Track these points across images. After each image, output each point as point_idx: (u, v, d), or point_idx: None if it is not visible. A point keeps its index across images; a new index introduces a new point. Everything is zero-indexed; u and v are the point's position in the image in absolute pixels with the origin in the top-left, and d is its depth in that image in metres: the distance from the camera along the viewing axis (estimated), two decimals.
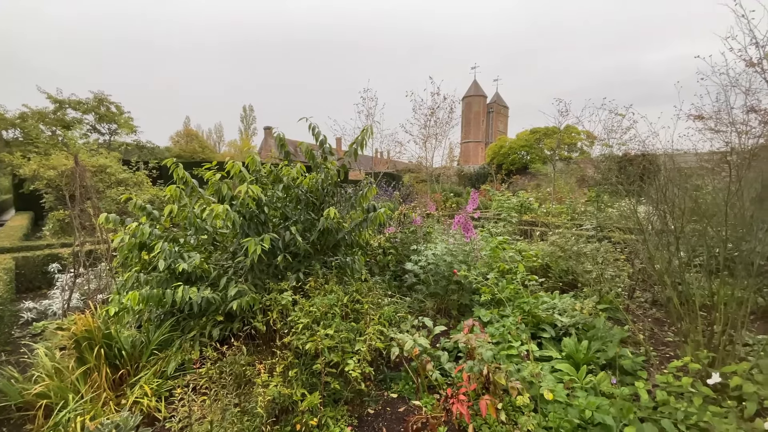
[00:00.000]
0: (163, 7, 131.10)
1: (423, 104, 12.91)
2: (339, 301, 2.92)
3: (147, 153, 22.92)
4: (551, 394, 2.26)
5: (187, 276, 3.16)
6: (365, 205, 3.80)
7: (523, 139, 28.27)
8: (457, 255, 4.73)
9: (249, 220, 3.17)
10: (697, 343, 2.86)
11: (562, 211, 8.98)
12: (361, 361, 2.41)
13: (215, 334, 2.98)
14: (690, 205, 2.89)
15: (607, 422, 2.18)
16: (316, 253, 3.65)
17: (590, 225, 5.85)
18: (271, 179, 3.74)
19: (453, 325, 4.13)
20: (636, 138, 7.10)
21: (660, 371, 2.95)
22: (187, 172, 3.50)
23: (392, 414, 2.71)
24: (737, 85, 5.78)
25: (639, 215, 3.35)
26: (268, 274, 3.30)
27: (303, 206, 3.63)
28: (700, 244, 2.95)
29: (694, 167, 4.63)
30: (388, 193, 9.68)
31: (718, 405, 2.29)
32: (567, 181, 13.86)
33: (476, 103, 68.07)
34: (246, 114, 57.40)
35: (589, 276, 3.94)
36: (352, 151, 3.59)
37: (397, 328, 3.30)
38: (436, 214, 7.63)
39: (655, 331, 3.82)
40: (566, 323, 3.40)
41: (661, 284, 3.12)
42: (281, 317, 2.81)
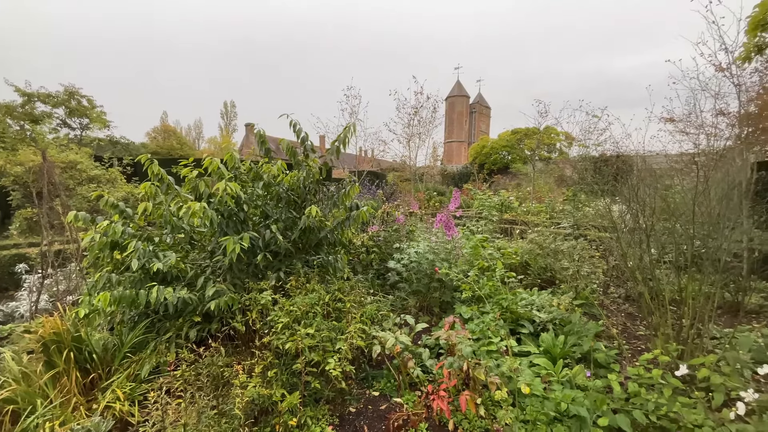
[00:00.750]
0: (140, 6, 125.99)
1: (407, 103, 12.95)
2: (320, 300, 2.89)
3: (121, 149, 22.09)
4: (528, 389, 2.31)
5: (162, 276, 3.06)
6: (348, 204, 3.78)
7: (504, 140, 28.78)
8: (439, 253, 4.77)
9: (228, 219, 3.10)
10: (667, 336, 2.98)
11: (541, 210, 9.20)
12: (342, 359, 2.40)
13: (192, 336, 2.91)
14: (660, 204, 3.01)
15: (581, 414, 2.24)
16: (297, 252, 3.61)
17: (567, 223, 6.02)
18: (251, 177, 3.67)
19: (435, 323, 4.17)
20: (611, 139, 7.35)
21: (632, 364, 3.06)
22: (165, 169, 3.40)
23: (374, 412, 2.71)
24: (707, 89, 6.05)
25: (613, 214, 3.47)
26: (248, 273, 3.24)
27: (284, 204, 3.58)
28: (669, 242, 3.08)
29: (665, 168, 4.83)
30: (372, 191, 9.67)
31: (687, 396, 2.40)
32: (546, 180, 14.21)
33: (459, 103, 68.81)
34: (227, 110, 56.14)
35: (566, 273, 4.06)
36: (335, 149, 3.56)
37: (379, 326, 3.30)
38: (419, 213, 7.67)
39: (628, 325, 3.97)
40: (544, 319, 3.48)
41: (633, 280, 3.24)
42: (261, 317, 2.76)
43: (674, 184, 3.42)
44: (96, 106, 21.07)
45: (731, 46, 5.56)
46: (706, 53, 5.73)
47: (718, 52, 5.64)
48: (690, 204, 2.80)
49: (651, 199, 2.99)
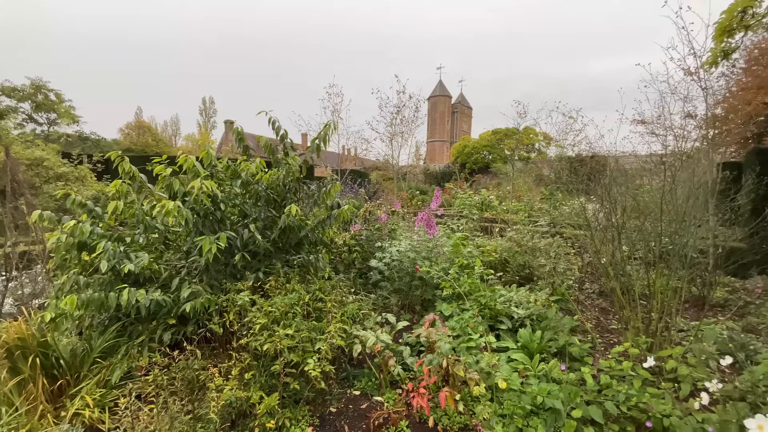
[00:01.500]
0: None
1: (389, 102, 12.97)
2: (300, 300, 2.86)
3: (91, 145, 21.20)
4: (505, 384, 2.36)
5: (134, 278, 2.96)
6: (329, 202, 3.75)
7: (485, 140, 29.23)
8: (420, 251, 4.81)
9: (204, 218, 3.02)
10: (637, 329, 3.10)
11: (520, 209, 9.41)
12: (322, 360, 2.38)
13: (166, 339, 2.82)
14: (631, 203, 3.13)
15: (556, 407, 2.30)
16: (277, 251, 3.55)
17: (544, 222, 6.18)
18: (228, 175, 3.59)
19: (417, 320, 4.20)
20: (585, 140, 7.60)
21: (604, 357, 3.17)
22: (139, 167, 3.28)
23: (354, 411, 2.70)
24: (676, 92, 6.31)
25: (588, 213, 3.59)
26: (225, 274, 3.17)
27: (263, 203, 3.52)
28: (639, 239, 3.21)
29: (636, 168, 5.02)
30: (355, 190, 9.63)
31: (656, 387, 2.50)
32: (525, 180, 14.53)
33: (441, 103, 69.44)
34: (206, 106, 54.71)
35: (543, 270, 4.16)
36: (315, 147, 3.52)
37: (360, 325, 3.30)
38: (401, 212, 7.70)
39: (601, 319, 4.11)
40: (522, 315, 3.56)
41: (606, 276, 3.36)
42: (239, 318, 2.71)
43: (644, 184, 3.56)
44: (64, 100, 20.14)
45: (699, 51, 5.81)
46: (676, 58, 5.98)
47: (687, 57, 5.90)
48: (658, 203, 2.92)
49: (622, 198, 3.11)
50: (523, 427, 2.28)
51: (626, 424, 2.31)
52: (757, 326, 3.88)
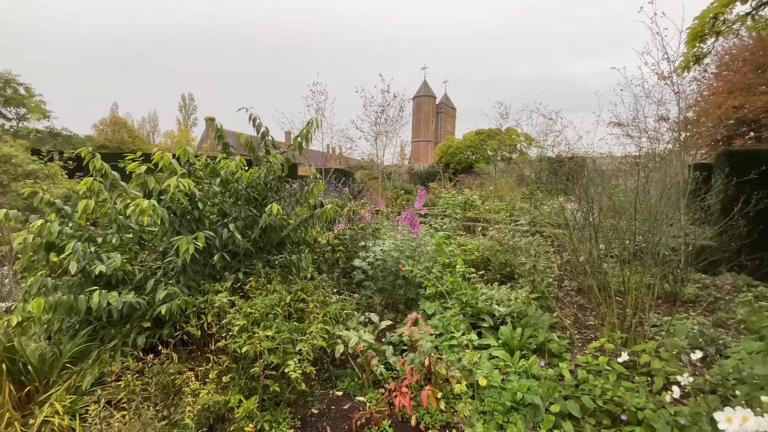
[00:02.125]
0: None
1: (373, 101, 12.94)
2: (282, 300, 2.82)
3: (63, 142, 20.32)
4: (485, 381, 2.38)
5: (106, 279, 2.84)
6: (312, 201, 3.70)
7: (469, 140, 29.56)
8: (404, 250, 4.82)
9: (181, 217, 2.93)
10: (613, 325, 3.19)
11: (502, 208, 9.56)
12: (303, 361, 2.35)
13: (140, 342, 2.72)
14: (607, 203, 3.22)
15: (535, 402, 2.35)
16: (258, 251, 3.49)
17: (525, 221, 6.30)
18: (207, 173, 3.50)
19: (400, 320, 4.20)
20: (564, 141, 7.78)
21: (582, 352, 3.25)
22: (114, 164, 3.15)
23: (337, 412, 2.68)
24: (650, 96, 6.52)
25: (567, 212, 3.67)
26: (204, 274, 3.08)
27: (243, 202, 3.45)
28: (615, 237, 3.30)
29: (612, 169, 5.17)
30: (339, 189, 9.57)
31: (631, 381, 2.58)
32: (507, 180, 14.78)
33: (426, 103, 69.83)
34: (185, 103, 53.37)
35: (524, 268, 4.24)
36: (297, 144, 3.47)
37: (343, 325, 3.27)
38: (385, 211, 7.70)
39: (579, 316, 4.21)
40: (503, 312, 3.61)
41: (584, 274, 3.45)
42: (217, 320, 2.64)
43: (619, 184, 3.67)
44: (35, 94, 19.25)
45: (672, 56, 6.03)
46: (651, 62, 6.19)
47: (661, 62, 6.11)
48: (632, 202, 3.02)
49: (599, 198, 3.19)
50: (504, 423, 2.31)
51: (602, 417, 2.38)
52: (726, 321, 4.05)
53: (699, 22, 5.63)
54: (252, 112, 3.46)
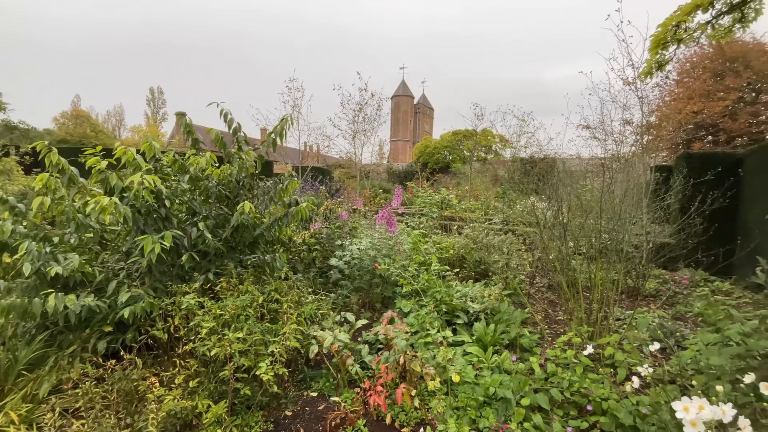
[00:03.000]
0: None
1: (351, 99, 12.86)
2: (254, 301, 2.74)
3: (20, 136, 19.01)
4: (458, 377, 2.41)
5: (64, 281, 2.68)
6: (286, 200, 3.63)
7: (446, 140, 29.97)
8: (381, 249, 4.81)
9: (146, 215, 2.80)
10: (580, 319, 3.32)
11: (477, 208, 9.74)
12: (275, 362, 2.30)
13: (101, 348, 2.58)
14: (575, 202, 3.34)
15: (507, 396, 2.40)
16: (230, 251, 3.39)
17: (498, 219, 6.46)
18: (175, 169, 3.36)
19: (376, 318, 4.20)
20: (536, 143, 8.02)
21: (551, 346, 3.35)
22: (75, 160, 2.97)
23: (311, 413, 2.64)
24: (616, 100, 6.82)
25: (537, 211, 3.78)
26: (171, 275, 2.96)
27: (214, 200, 3.34)
28: (582, 235, 3.43)
29: (581, 170, 5.37)
30: (315, 187, 9.45)
31: (596, 372, 2.68)
32: (483, 180, 15.09)
33: (404, 102, 70.18)
34: (154, 97, 51.21)
35: (497, 265, 4.34)
36: (270, 141, 3.39)
37: (318, 325, 3.23)
38: (363, 210, 7.67)
39: (549, 311, 4.36)
40: (477, 309, 3.68)
41: (553, 270, 3.56)
42: (185, 323, 2.54)
43: (587, 184, 3.83)
44: None
45: (637, 63, 6.33)
46: (617, 68, 6.47)
47: (626, 68, 6.39)
48: (598, 202, 3.15)
49: (568, 198, 3.31)
50: (476, 418, 2.35)
51: (570, 408, 2.46)
52: (684, 314, 4.30)
53: (662, 29, 5.91)
54: (223, 107, 3.35)
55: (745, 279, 5.00)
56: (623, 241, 3.36)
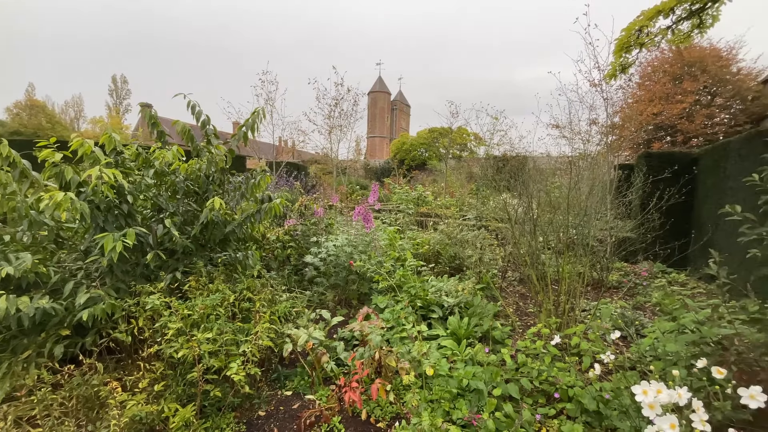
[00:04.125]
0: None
1: (327, 94, 12.67)
2: (225, 300, 2.66)
3: None
4: (432, 370, 2.45)
5: (16, 283, 2.49)
6: (259, 196, 3.54)
7: (422, 137, 30.19)
8: (357, 245, 4.79)
9: (106, 212, 2.65)
10: (549, 311, 3.45)
11: (452, 204, 9.90)
12: (247, 362, 2.24)
13: (58, 353, 2.42)
14: (545, 198, 3.46)
15: (479, 387, 2.46)
16: (199, 249, 3.27)
17: (472, 215, 6.60)
18: (139, 163, 3.20)
19: (353, 315, 4.19)
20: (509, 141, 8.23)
21: (522, 338, 3.47)
22: (30, 153, 2.75)
23: (285, 412, 2.61)
24: (584, 101, 7.09)
25: (509, 207, 3.88)
26: (135, 275, 2.82)
27: (182, 196, 3.20)
28: (551, 230, 3.56)
29: (551, 168, 5.56)
30: (290, 183, 9.28)
31: (563, 361, 2.80)
32: (458, 177, 15.33)
33: (381, 99, 70.06)
34: (117, 87, 48.43)
35: (471, 260, 4.43)
36: (241, 135, 3.29)
37: (293, 323, 3.19)
38: (339, 206, 7.61)
39: (520, 304, 4.50)
40: (452, 303, 3.74)
41: (524, 264, 3.68)
42: (151, 324, 2.43)
43: (556, 181, 3.97)
44: None
45: (603, 65, 6.60)
46: (584, 70, 6.73)
47: (592, 70, 6.66)
48: (566, 198, 3.27)
49: (537, 194, 3.42)
50: (450, 410, 2.40)
51: (538, 396, 2.56)
52: (644, 304, 4.56)
53: (626, 34, 6.19)
54: (191, 98, 3.21)
55: (699, 270, 5.36)
56: (589, 235, 3.52)
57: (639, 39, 6.50)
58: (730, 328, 2.38)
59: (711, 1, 5.59)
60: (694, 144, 14.51)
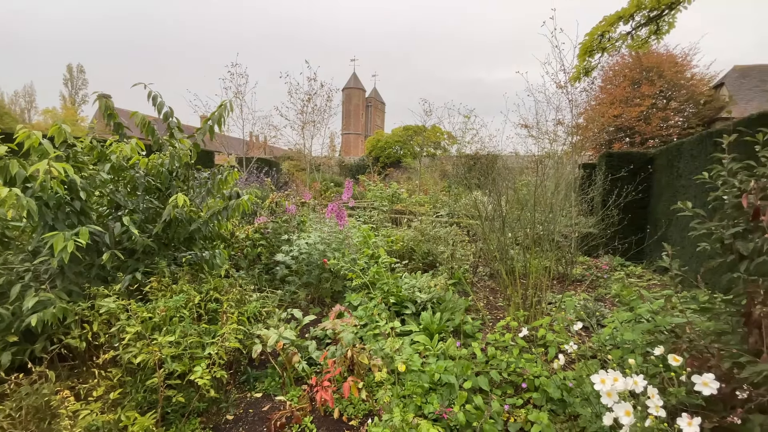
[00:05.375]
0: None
1: (299, 88, 12.44)
2: (189, 301, 2.55)
3: None
4: (404, 366, 2.46)
5: None
6: (226, 192, 3.41)
7: (397, 135, 30.31)
8: (330, 243, 4.74)
9: (56, 209, 2.46)
10: (517, 304, 3.56)
11: (426, 201, 10.01)
12: (213, 365, 2.16)
13: (5, 361, 2.23)
14: (513, 196, 3.56)
15: (451, 381, 2.50)
16: (162, 248, 3.11)
17: (444, 212, 6.70)
18: (94, 157, 3.00)
19: (326, 313, 4.14)
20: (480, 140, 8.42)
21: (492, 331, 3.56)
22: None
23: (255, 415, 2.54)
24: (551, 102, 7.34)
25: (479, 204, 3.97)
26: (90, 276, 2.65)
27: (142, 192, 3.03)
28: (519, 227, 3.67)
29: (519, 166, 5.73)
30: (260, 180, 9.03)
31: (530, 353, 2.89)
32: (432, 174, 15.52)
33: (356, 95, 69.59)
34: (72, 76, 45.32)
35: (443, 256, 4.49)
36: (207, 128, 3.15)
37: (263, 323, 3.11)
38: (311, 203, 7.50)
39: (490, 298, 4.63)
40: (424, 299, 3.78)
41: (494, 260, 3.77)
42: (108, 328, 2.29)
43: (523, 179, 4.10)
44: None
45: (568, 68, 6.87)
46: (551, 72, 6.98)
47: (558, 72, 6.92)
48: (533, 195, 3.38)
49: (506, 192, 3.51)
50: (422, 404, 2.42)
51: (507, 387, 2.64)
52: (604, 296, 4.80)
53: (589, 38, 6.49)
54: (152, 89, 3.04)
55: (654, 263, 5.72)
56: (555, 231, 3.66)
57: (601, 44, 6.81)
58: (682, 317, 2.54)
59: (668, 9, 5.94)
60: (650, 145, 15.45)
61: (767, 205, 1.75)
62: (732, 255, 2.05)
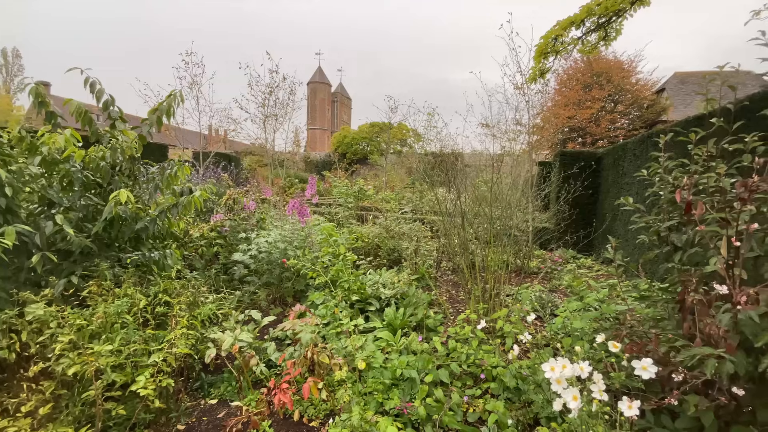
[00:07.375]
0: None
1: (261, 81, 11.99)
2: (134, 306, 2.37)
3: None
4: (364, 364, 2.45)
5: None
6: (177, 188, 3.21)
7: (364, 131, 30.17)
8: (292, 241, 4.62)
9: None
10: (477, 298, 3.66)
11: (392, 198, 10.05)
12: (159, 373, 2.02)
13: None
14: (473, 192, 3.65)
15: (412, 376, 2.52)
16: (104, 248, 2.88)
17: (408, 209, 6.77)
18: (22, 149, 2.70)
19: (288, 314, 4.03)
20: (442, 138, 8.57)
21: (453, 324, 3.64)
22: None
23: (209, 423, 2.42)
24: (509, 103, 7.60)
25: (442, 201, 4.03)
26: (18, 281, 2.39)
27: (80, 188, 2.78)
28: (479, 222, 3.77)
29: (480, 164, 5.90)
30: (218, 175, 8.62)
31: (488, 344, 2.98)
32: (398, 171, 15.61)
33: (321, 90, 68.49)
34: (7, 61, 40.83)
35: (407, 252, 4.53)
36: (154, 120, 2.94)
37: (219, 326, 2.96)
38: (273, 200, 7.28)
39: (452, 292, 4.73)
40: (388, 295, 3.79)
41: (456, 255, 3.85)
42: (38, 337, 2.07)
43: (484, 177, 4.22)
44: None
45: (525, 70, 7.15)
46: (509, 73, 7.24)
47: (516, 74, 7.19)
48: (492, 192, 3.48)
49: (466, 189, 3.59)
50: (383, 401, 2.42)
51: (467, 379, 2.70)
52: (558, 287, 5.07)
53: (544, 41, 6.78)
54: (89, 74, 2.78)
55: (601, 255, 6.12)
56: (512, 226, 3.80)
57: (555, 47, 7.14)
58: (625, 305, 2.73)
59: (615, 16, 6.33)
60: (600, 145, 16.52)
61: (699, 200, 1.90)
62: (667, 246, 2.23)
